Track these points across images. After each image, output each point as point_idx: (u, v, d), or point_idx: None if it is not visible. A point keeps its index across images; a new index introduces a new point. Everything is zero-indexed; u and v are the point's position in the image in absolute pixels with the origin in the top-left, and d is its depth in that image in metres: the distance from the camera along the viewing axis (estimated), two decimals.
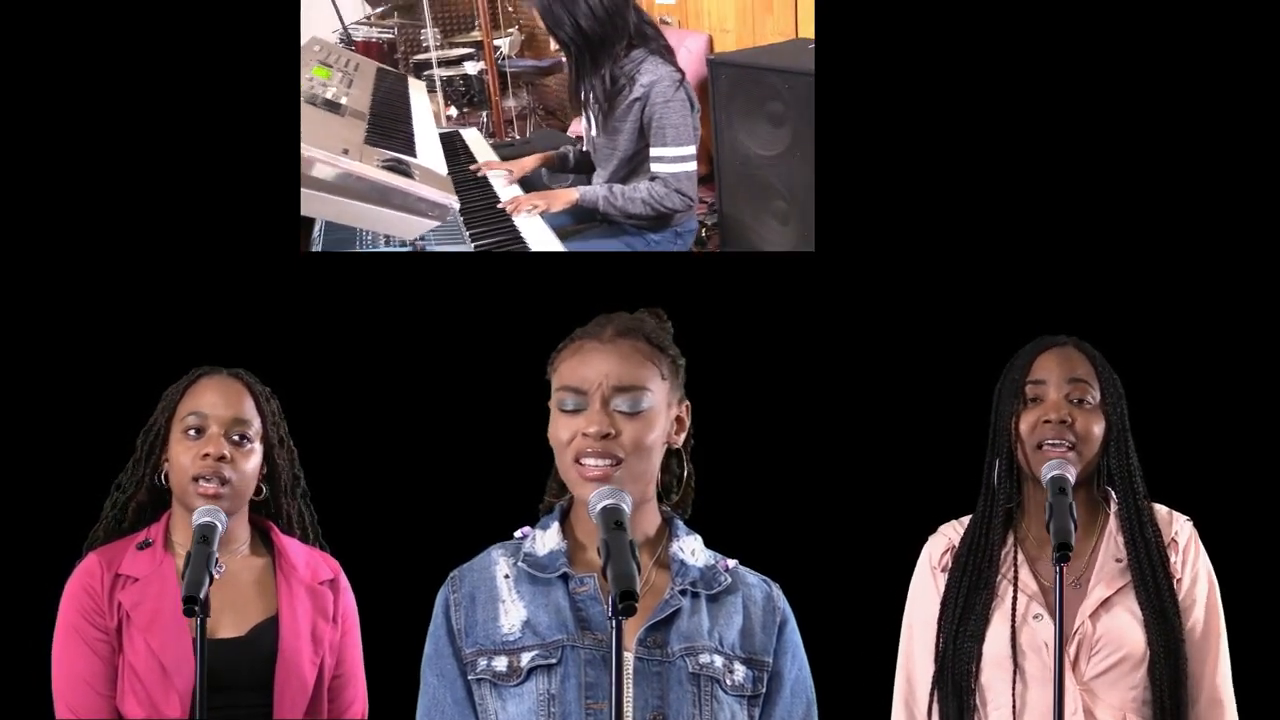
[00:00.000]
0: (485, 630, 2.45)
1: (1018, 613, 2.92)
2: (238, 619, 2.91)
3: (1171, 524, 2.96)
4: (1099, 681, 2.90)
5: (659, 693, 2.41)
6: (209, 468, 2.88)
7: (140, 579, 2.89)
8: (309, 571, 2.98)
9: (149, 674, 2.85)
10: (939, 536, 3.05)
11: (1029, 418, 2.94)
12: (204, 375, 2.98)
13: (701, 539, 2.54)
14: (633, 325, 2.49)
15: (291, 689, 2.89)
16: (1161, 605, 2.90)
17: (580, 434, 2.42)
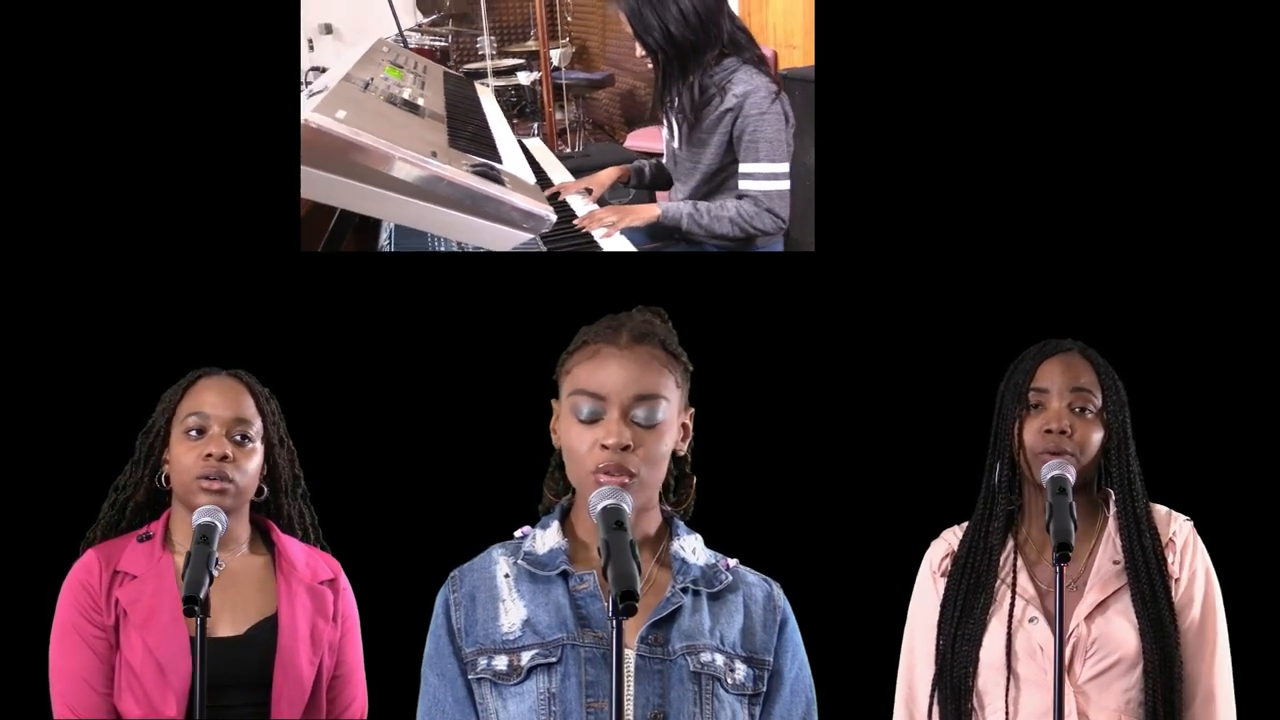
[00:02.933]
0: (485, 629, 2.45)
1: (1014, 617, 2.92)
2: (236, 618, 2.91)
3: (1170, 523, 2.96)
4: (1093, 684, 2.89)
5: (660, 691, 2.41)
6: (212, 468, 2.88)
7: (138, 576, 2.89)
8: (309, 571, 2.97)
9: (146, 672, 2.85)
10: (940, 542, 3.05)
11: (1031, 425, 2.94)
12: (203, 376, 2.98)
13: (702, 538, 2.54)
14: (647, 330, 2.48)
15: (289, 688, 2.89)
16: (1157, 610, 2.89)
17: (599, 446, 2.41)
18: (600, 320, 2.52)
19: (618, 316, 2.52)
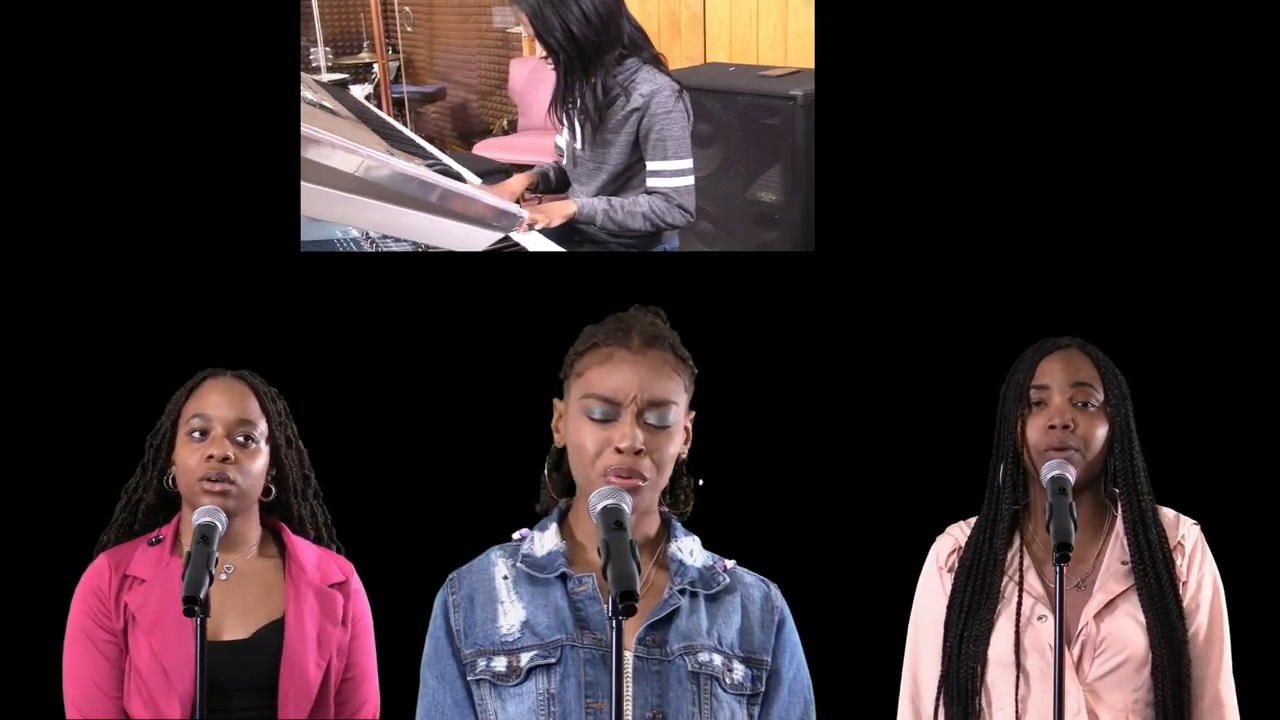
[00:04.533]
0: (484, 631, 2.45)
1: (1023, 614, 2.92)
2: (244, 621, 2.90)
3: (1178, 527, 2.96)
4: (1102, 683, 2.89)
5: (658, 691, 2.41)
6: (213, 469, 2.88)
7: (147, 580, 2.89)
8: (318, 574, 2.97)
9: (152, 676, 2.85)
10: (946, 537, 3.05)
11: (1034, 423, 2.93)
12: (209, 377, 2.98)
13: (699, 539, 2.54)
14: (656, 334, 2.49)
15: (296, 692, 2.88)
16: (1165, 609, 2.89)
17: (612, 448, 2.42)
18: (606, 321, 2.52)
19: (622, 318, 2.52)
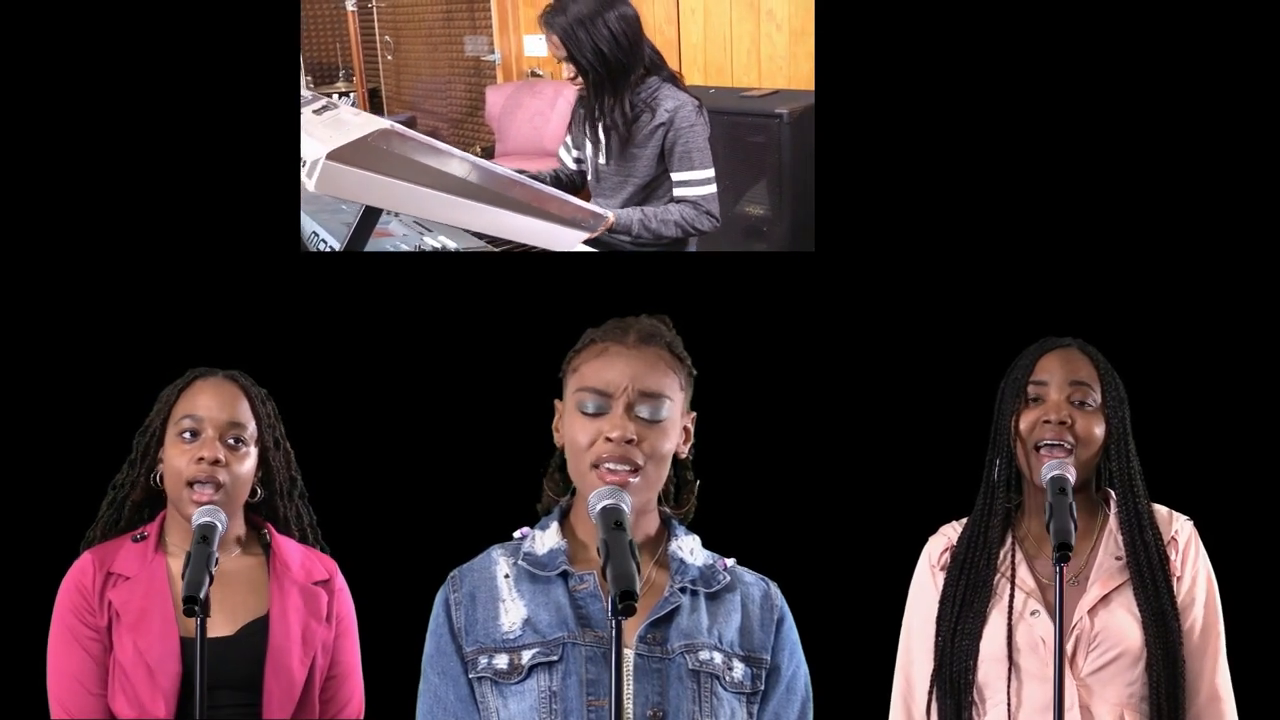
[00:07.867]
0: (486, 629, 2.46)
1: (1015, 609, 2.93)
2: (228, 618, 2.90)
3: (1171, 523, 2.97)
4: (1096, 677, 2.90)
5: (659, 689, 2.41)
6: (203, 471, 2.88)
7: (131, 578, 2.89)
8: (303, 571, 2.97)
9: (136, 673, 2.85)
10: (939, 536, 3.06)
11: (1029, 417, 2.95)
12: (199, 378, 2.97)
13: (699, 539, 2.55)
14: (654, 332, 2.51)
15: (280, 688, 2.88)
16: (1160, 604, 2.90)
17: (603, 438, 2.42)
18: (607, 322, 2.54)
19: (624, 319, 2.53)
